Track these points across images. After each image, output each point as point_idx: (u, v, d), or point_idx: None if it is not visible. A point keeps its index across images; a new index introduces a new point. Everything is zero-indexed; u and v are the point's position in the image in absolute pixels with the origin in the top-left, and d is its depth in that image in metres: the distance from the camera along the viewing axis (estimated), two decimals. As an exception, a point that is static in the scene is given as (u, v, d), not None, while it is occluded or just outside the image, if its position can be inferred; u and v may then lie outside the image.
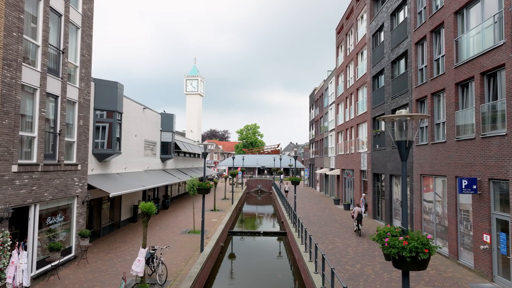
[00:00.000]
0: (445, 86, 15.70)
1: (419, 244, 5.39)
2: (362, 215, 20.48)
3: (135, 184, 20.11)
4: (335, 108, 38.71)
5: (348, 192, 33.56)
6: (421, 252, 5.36)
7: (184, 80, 57.29)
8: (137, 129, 24.56)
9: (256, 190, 64.15)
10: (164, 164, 31.33)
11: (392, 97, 22.07)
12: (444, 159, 15.68)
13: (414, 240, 5.49)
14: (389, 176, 22.61)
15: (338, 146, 37.51)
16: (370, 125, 26.52)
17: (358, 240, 18.97)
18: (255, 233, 26.30)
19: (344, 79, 34.95)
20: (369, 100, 27.02)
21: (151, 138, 27.66)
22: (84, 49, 15.08)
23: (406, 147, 6.04)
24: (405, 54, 20.74)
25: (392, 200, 22.49)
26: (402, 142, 6.06)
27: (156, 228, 22.19)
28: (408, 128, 5.98)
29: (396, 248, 5.50)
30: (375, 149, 25.42)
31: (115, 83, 19.00)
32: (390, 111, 22.47)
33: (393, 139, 6.38)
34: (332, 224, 23.97)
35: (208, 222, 24.48)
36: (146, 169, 26.33)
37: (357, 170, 29.73)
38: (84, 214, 15.29)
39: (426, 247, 5.38)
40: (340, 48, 38.37)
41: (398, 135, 6.13)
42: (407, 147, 6.04)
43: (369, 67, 27.16)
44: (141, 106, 25.39)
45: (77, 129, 14.66)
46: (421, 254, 5.36)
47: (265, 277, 17.74)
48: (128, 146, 22.80)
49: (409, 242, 5.47)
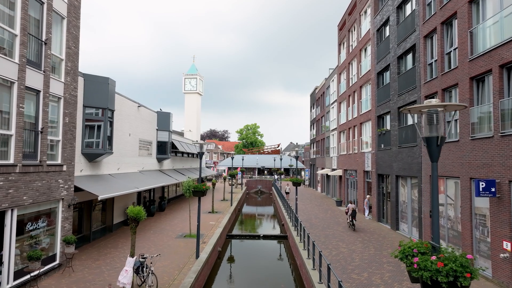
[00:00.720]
0: (458, 81, 14.62)
1: (459, 266, 4.28)
2: (356, 211, 21.97)
3: (128, 186, 19.05)
4: (337, 106, 37.64)
5: (351, 194, 32.48)
6: (461, 276, 4.26)
7: (183, 78, 56.23)
8: (131, 128, 23.49)
9: (256, 191, 63.08)
10: (160, 164, 30.26)
11: (399, 94, 20.99)
12: (457, 159, 14.61)
13: (451, 261, 4.38)
14: (395, 177, 21.53)
15: (340, 146, 36.43)
16: (374, 123, 25.44)
17: (363, 245, 17.90)
18: (254, 236, 25.21)
19: (347, 77, 33.88)
20: (373, 98, 25.95)
21: (146, 137, 26.59)
22: (70, 41, 14.00)
23: (438, 145, 4.93)
24: (412, 48, 19.67)
25: (398, 202, 21.41)
26: (432, 139, 4.95)
27: (150, 231, 21.11)
28: (440, 121, 4.86)
29: (429, 271, 4.38)
30: (380, 148, 24.35)
31: (106, 78, 17.93)
32: (396, 109, 21.40)
33: (420, 134, 5.29)
34: (335, 227, 22.89)
35: (206, 225, 23.42)
36: (141, 169, 25.25)
37: (361, 171, 28.65)
38: (70, 219, 14.21)
39: (468, 271, 4.27)
40: (342, 45, 37.30)
41: (427, 130, 5.02)
42: (438, 144, 4.93)
43: (373, 64, 26.09)
44: (135, 104, 24.32)
45: (63, 127, 13.59)
46: (461, 279, 4.26)
47: (265, 286, 16.67)
48: (121, 146, 21.73)
49: (445, 263, 4.37)
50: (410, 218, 19.80)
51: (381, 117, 24.85)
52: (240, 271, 19.16)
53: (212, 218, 26.37)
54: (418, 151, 18.29)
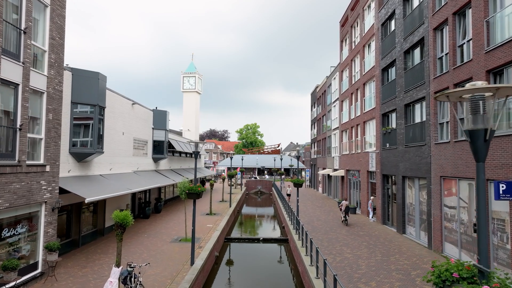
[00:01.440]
0: (473, 75, 13.58)
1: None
2: (349, 207, 23.78)
3: (119, 187, 18.00)
4: (339, 105, 36.59)
5: (354, 195, 31.44)
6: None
7: (181, 77, 55.13)
8: (125, 127, 22.45)
9: (256, 191, 62.02)
10: (156, 164, 29.21)
11: (405, 90, 19.95)
12: (471, 159, 13.56)
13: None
14: (402, 178, 20.49)
15: (343, 146, 35.39)
16: (379, 122, 24.39)
17: (369, 251, 16.85)
18: (254, 240, 24.15)
19: (349, 74, 32.84)
20: (377, 95, 24.91)
21: (141, 136, 25.55)
22: (55, 31, 12.97)
23: (486, 140, 3.84)
24: (420, 42, 18.63)
25: (405, 205, 20.36)
26: (478, 132, 3.86)
27: (144, 235, 20.07)
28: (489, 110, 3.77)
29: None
30: (384, 148, 23.31)
31: (96, 73, 16.89)
32: (402, 106, 20.36)
33: (462, 127, 4.20)
34: (339, 230, 21.84)
35: (203, 228, 22.38)
36: (135, 170, 24.21)
37: (364, 171, 27.61)
38: (54, 223, 13.18)
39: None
40: (345, 41, 36.25)
41: (471, 121, 3.93)
42: (487, 139, 3.84)
43: (377, 60, 25.05)
44: (129, 102, 23.28)
45: (46, 124, 12.55)
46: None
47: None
48: (114, 145, 20.69)
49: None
50: (418, 221, 18.75)
51: (386, 115, 23.81)
52: (238, 278, 18.11)
53: (210, 221, 25.32)
54: (427, 150, 17.24)
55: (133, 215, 25.27)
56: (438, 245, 16.12)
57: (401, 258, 15.63)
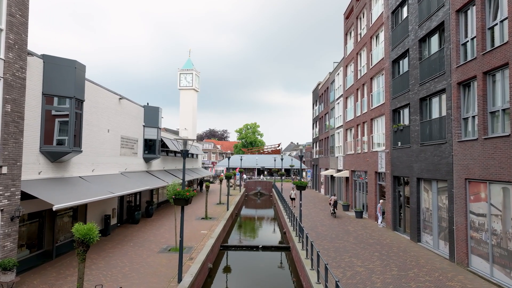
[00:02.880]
0: (509, 60, 11.54)
1: None
2: (337, 202, 26.77)
3: (101, 191, 15.96)
4: (343, 102, 34.55)
5: (360, 197, 29.40)
6: None
7: (178, 74, 53.06)
8: (111, 123, 20.42)
9: (255, 193, 59.96)
10: (148, 165, 27.18)
11: (421, 83, 17.91)
12: (506, 159, 11.53)
13: None
14: (416, 180, 18.44)
15: (347, 145, 33.35)
16: (389, 118, 22.35)
17: (383, 263, 14.81)
18: (252, 247, 22.07)
19: (355, 69, 30.80)
20: (387, 90, 22.87)
21: (130, 134, 23.52)
22: (14, 7, 10.94)
23: None
24: (439, 27, 16.60)
25: (420, 210, 18.32)
26: None
27: (129, 244, 18.02)
28: None
29: None
30: (396, 147, 21.26)
31: (72, 61, 14.85)
32: (417, 100, 18.32)
33: None
34: (346, 237, 19.81)
35: (196, 235, 20.34)
36: (123, 171, 22.18)
37: (372, 172, 25.57)
38: (14, 235, 11.15)
39: None
40: (349, 34, 34.21)
41: None
42: None
43: (387, 51, 23.01)
44: (116, 96, 21.25)
45: (2, 117, 10.52)
46: None
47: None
48: (97, 144, 18.66)
49: None
50: (436, 229, 16.70)
51: (397, 111, 21.77)
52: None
53: (205, 226, 23.27)
54: (448, 149, 15.20)
55: (121, 220, 23.37)
56: (462, 257, 14.07)
57: (421, 272, 13.59)
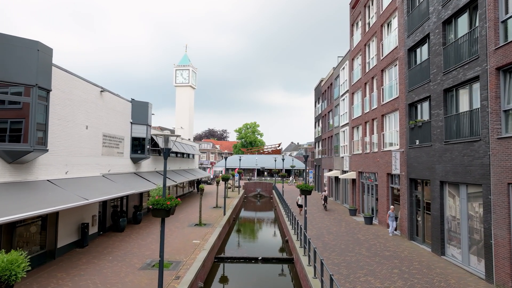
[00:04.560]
0: None
1: None
2: (327, 197, 30.39)
3: (72, 198, 13.52)
4: (349, 98, 32.11)
5: (368, 201, 26.95)
6: None
7: (174, 70, 50.64)
8: (90, 119, 17.99)
9: (255, 195, 57.47)
10: (136, 166, 24.73)
11: (445, 71, 15.47)
12: None
13: None
14: (440, 183, 15.99)
15: (354, 144, 30.91)
16: (404, 114, 19.91)
17: (406, 283, 12.37)
18: (251, 259, 19.59)
19: (362, 62, 28.36)
20: (402, 82, 20.43)
21: (115, 132, 21.08)
22: None
23: None
24: (470, 4, 14.15)
25: (443, 218, 15.87)
26: None
27: (108, 257, 15.55)
28: None
29: None
30: (413, 146, 18.83)
31: (34, 42, 12.41)
32: (440, 91, 15.87)
33: None
34: (357, 248, 17.36)
35: (187, 246, 17.89)
36: (105, 172, 19.73)
37: (383, 174, 23.12)
38: None
39: None
40: (356, 25, 31.78)
41: None
42: None
43: (401, 39, 20.58)
44: (96, 88, 18.81)
45: None
46: None
47: None
48: (72, 142, 16.22)
49: None
50: (466, 241, 14.25)
51: (413, 106, 19.34)
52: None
53: (198, 234, 20.81)
54: (484, 147, 12.75)
55: (104, 228, 20.88)
56: (505, 279, 11.62)
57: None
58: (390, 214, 20.52)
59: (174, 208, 10.27)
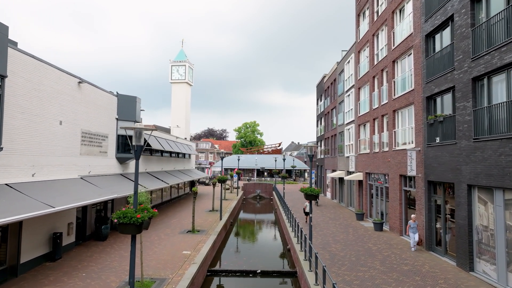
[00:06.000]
0: None
1: None
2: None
3: (35, 205, 11.31)
4: (355, 93, 29.90)
5: (377, 204, 24.74)
6: None
7: (169, 66, 48.38)
8: (65, 113, 15.78)
9: (254, 196, 55.25)
10: (124, 166, 22.54)
11: (475, 56, 13.26)
12: None
13: None
14: (467, 187, 13.77)
15: (360, 143, 28.70)
16: (421, 108, 17.69)
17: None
18: (249, 272, 17.33)
19: (370, 53, 26.15)
20: (418, 73, 18.23)
21: (97, 129, 18.88)
22: None
23: None
24: (508, -24, 11.93)
25: (472, 227, 13.66)
26: None
27: (81, 274, 13.30)
28: None
29: None
30: (431, 144, 16.62)
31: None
32: (469, 80, 13.66)
33: None
34: (370, 261, 15.15)
35: (175, 258, 15.67)
36: (85, 174, 17.53)
37: (395, 175, 20.91)
38: None
39: None
40: (363, 15, 29.56)
41: None
42: None
43: (417, 24, 18.38)
44: (73, 79, 16.60)
45: None
46: None
47: None
48: (41, 139, 14.02)
49: None
50: (503, 256, 12.02)
51: (432, 99, 17.13)
52: None
53: (189, 243, 18.60)
54: (529, 145, 10.52)
55: (83, 237, 18.48)
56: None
57: (501, 332, 8.93)
58: (411, 224, 17.03)
59: (148, 222, 8.09)
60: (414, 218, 17.14)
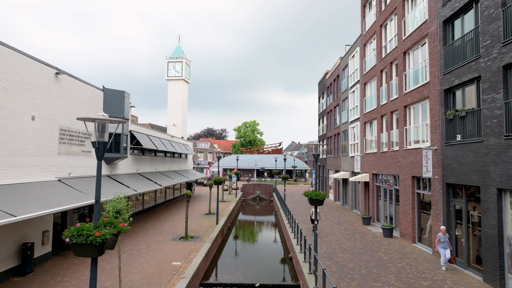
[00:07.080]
0: None
1: None
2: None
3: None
4: (361, 89, 28.10)
5: (385, 208, 22.95)
6: None
7: (166, 62, 46.57)
8: (39, 108, 14.00)
9: (254, 197, 53.45)
10: (111, 167, 20.76)
11: (506, 41, 11.47)
12: None
13: None
14: (497, 191, 11.97)
15: (366, 142, 26.91)
16: (438, 102, 15.89)
17: None
18: (246, 286, 15.49)
19: (378, 46, 24.36)
20: (434, 64, 16.43)
21: (78, 125, 17.07)
22: None
23: None
24: None
25: (503, 238, 11.86)
26: None
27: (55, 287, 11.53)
28: None
29: None
30: (450, 142, 14.83)
31: None
32: (499, 69, 11.87)
33: None
34: (383, 274, 13.36)
35: (163, 271, 13.87)
36: (64, 176, 15.74)
37: (406, 177, 19.12)
38: None
39: None
40: (369, 5, 27.76)
41: None
42: None
43: (433, 9, 16.59)
44: (49, 69, 14.80)
45: None
46: None
47: None
48: (7, 136, 12.24)
49: None
50: (543, 273, 10.23)
51: (451, 92, 15.33)
52: None
53: (181, 252, 16.80)
54: None
55: (62, 246, 15.98)
56: None
57: None
58: (441, 238, 14.14)
59: (114, 239, 6.29)
60: (443, 230, 14.26)
